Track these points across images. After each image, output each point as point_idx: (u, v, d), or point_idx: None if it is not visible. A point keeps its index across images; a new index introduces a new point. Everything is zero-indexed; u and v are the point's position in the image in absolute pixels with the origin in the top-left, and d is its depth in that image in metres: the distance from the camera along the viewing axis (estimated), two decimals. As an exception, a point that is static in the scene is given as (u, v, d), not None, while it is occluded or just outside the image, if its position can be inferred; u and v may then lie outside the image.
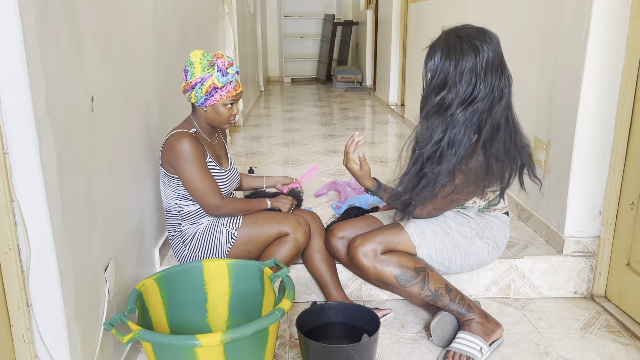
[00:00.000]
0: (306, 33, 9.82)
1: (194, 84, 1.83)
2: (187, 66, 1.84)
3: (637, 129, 1.96)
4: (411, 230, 1.86)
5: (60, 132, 1.31)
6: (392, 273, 1.80)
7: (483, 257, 1.92)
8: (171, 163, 1.87)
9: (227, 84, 1.84)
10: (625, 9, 1.94)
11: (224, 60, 1.83)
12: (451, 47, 1.65)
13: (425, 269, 1.83)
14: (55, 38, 1.30)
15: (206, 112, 1.89)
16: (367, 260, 1.81)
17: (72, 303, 1.36)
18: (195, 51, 1.85)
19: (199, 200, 1.89)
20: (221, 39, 4.27)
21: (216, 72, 1.82)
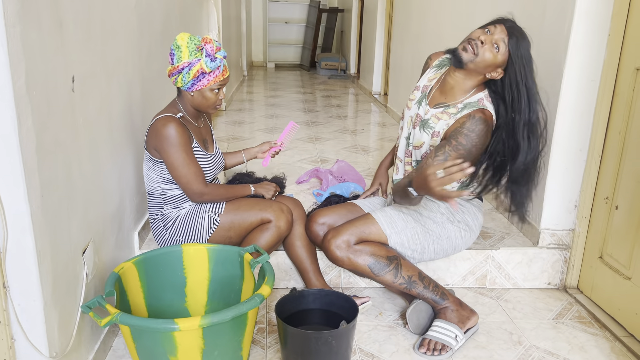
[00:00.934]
0: (291, 18, 9.74)
1: (181, 68, 1.81)
2: (174, 49, 1.81)
3: (615, 125, 2.00)
4: (381, 219, 1.88)
5: (40, 112, 1.29)
6: (366, 262, 1.83)
7: (456, 241, 1.95)
8: (157, 147, 1.85)
9: (215, 69, 1.82)
10: (607, 6, 1.96)
11: (213, 45, 1.81)
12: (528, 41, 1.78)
13: (398, 257, 1.86)
14: (37, 16, 1.27)
15: (193, 96, 1.88)
16: (340, 252, 1.83)
17: (50, 285, 1.35)
18: (182, 34, 1.83)
19: (182, 186, 1.88)
20: (205, 21, 4.22)
21: (204, 57, 1.80)
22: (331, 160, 3.56)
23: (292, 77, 8.34)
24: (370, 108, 5.73)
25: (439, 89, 1.92)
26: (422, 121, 1.91)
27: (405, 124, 2.00)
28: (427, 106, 1.92)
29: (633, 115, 1.90)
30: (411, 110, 1.98)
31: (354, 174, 3.00)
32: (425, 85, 1.98)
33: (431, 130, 1.88)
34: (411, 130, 1.96)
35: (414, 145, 1.94)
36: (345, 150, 3.87)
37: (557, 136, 2.12)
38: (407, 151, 1.99)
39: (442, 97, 1.90)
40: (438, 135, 1.86)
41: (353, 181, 2.90)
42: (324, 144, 4.06)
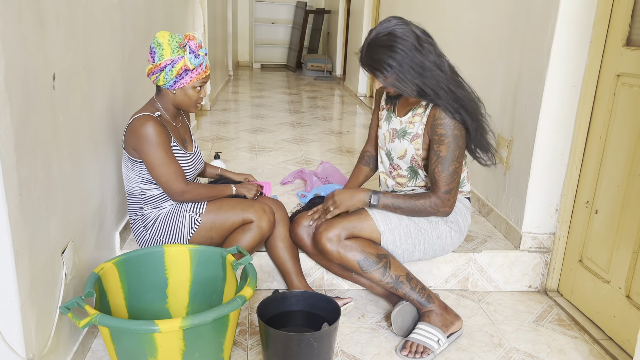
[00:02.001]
0: (277, 19, 9.73)
1: (163, 66, 1.79)
2: (155, 48, 1.80)
3: (595, 130, 2.03)
4: (376, 215, 1.89)
5: (19, 109, 1.27)
6: (355, 258, 1.83)
7: (446, 241, 1.97)
8: (135, 147, 1.83)
9: (198, 66, 1.81)
10: (590, 12, 1.99)
11: (195, 42, 1.80)
12: (388, 46, 1.75)
13: (387, 255, 1.87)
14: (17, 12, 1.25)
15: (175, 94, 1.86)
16: (331, 245, 1.83)
17: (27, 285, 1.33)
18: (162, 32, 1.81)
19: (163, 185, 1.87)
20: (190, 20, 4.19)
21: (188, 54, 1.78)
22: (316, 161, 3.56)
23: (278, 77, 8.33)
24: (355, 110, 5.74)
25: (401, 101, 1.98)
26: (398, 132, 1.95)
27: (382, 141, 2.03)
28: (397, 118, 1.96)
29: (613, 121, 1.93)
30: (383, 128, 2.02)
31: (339, 176, 3.00)
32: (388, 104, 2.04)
33: (410, 135, 1.91)
34: (389, 145, 1.98)
35: (398, 157, 1.96)
36: (330, 152, 3.87)
37: (539, 140, 2.14)
38: (392, 165, 2.00)
39: (406, 105, 1.95)
40: (419, 137, 1.89)
41: (337, 183, 2.90)
42: (309, 145, 4.06)
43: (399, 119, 1.95)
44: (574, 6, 1.98)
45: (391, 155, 1.99)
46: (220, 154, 3.03)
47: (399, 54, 1.72)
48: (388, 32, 1.74)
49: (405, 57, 1.73)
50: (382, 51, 1.74)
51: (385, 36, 1.74)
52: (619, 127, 1.90)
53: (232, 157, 3.59)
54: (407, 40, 1.73)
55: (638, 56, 1.81)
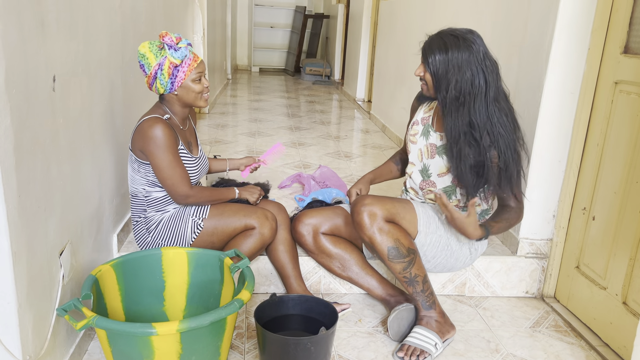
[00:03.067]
0: (276, 23, 9.75)
1: (155, 73, 1.80)
2: (141, 60, 1.80)
3: (593, 137, 2.04)
4: (421, 214, 1.90)
5: (19, 111, 1.27)
6: (386, 244, 1.82)
7: (458, 264, 1.99)
8: (143, 149, 1.84)
9: (183, 58, 1.81)
10: (588, 20, 2.00)
11: (171, 36, 1.80)
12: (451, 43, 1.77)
13: (416, 252, 1.87)
14: (18, 14, 1.25)
15: (178, 95, 1.86)
16: (370, 221, 1.82)
17: (25, 287, 1.33)
18: (142, 44, 1.82)
19: (168, 188, 1.87)
20: (190, 24, 4.20)
21: (168, 51, 1.79)
22: (314, 165, 3.56)
23: (276, 81, 8.34)
24: (353, 114, 5.75)
25: (439, 114, 1.97)
26: (439, 148, 1.94)
27: (416, 157, 2.01)
28: (436, 133, 1.95)
29: (611, 128, 1.94)
30: (419, 143, 2.00)
31: (336, 180, 3.00)
32: (424, 118, 2.03)
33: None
34: (427, 162, 1.97)
35: (438, 174, 1.95)
36: (328, 156, 3.88)
37: (537, 147, 2.15)
38: (426, 182, 1.99)
39: None
40: None
41: (335, 187, 2.90)
42: (307, 149, 4.06)
43: (439, 134, 1.94)
44: (572, 14, 2.00)
45: (428, 172, 1.97)
46: (219, 156, 3.03)
47: (454, 52, 1.75)
48: (458, 34, 1.78)
49: (456, 60, 1.75)
50: (443, 43, 1.77)
51: (453, 36, 1.78)
52: (616, 135, 1.91)
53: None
54: (471, 48, 1.75)
55: (636, 64, 1.82)
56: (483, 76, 1.76)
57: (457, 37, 1.77)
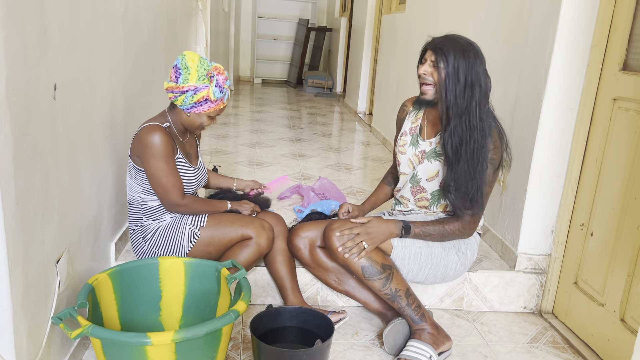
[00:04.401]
0: (279, 35, 9.81)
1: (186, 90, 1.80)
2: (181, 69, 1.79)
3: (591, 153, 2.04)
4: None
5: (19, 119, 1.28)
6: (360, 263, 1.83)
7: (449, 271, 1.97)
8: (139, 155, 1.84)
9: (220, 99, 1.84)
10: (587, 37, 2.02)
11: (223, 76, 1.83)
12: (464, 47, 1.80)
13: (392, 267, 1.87)
14: (21, 23, 1.27)
15: (188, 116, 1.88)
16: (340, 243, 1.84)
17: (20, 294, 1.33)
18: (192, 55, 1.81)
19: (159, 195, 1.87)
20: (193, 35, 4.24)
21: (214, 87, 1.80)
22: (314, 177, 3.57)
23: (278, 93, 8.38)
24: (354, 127, 5.77)
25: (429, 125, 1.99)
26: (427, 153, 1.95)
27: (406, 166, 2.02)
28: (425, 140, 1.97)
29: (609, 144, 1.94)
30: (408, 153, 2.02)
31: (336, 192, 3.01)
32: (412, 128, 2.04)
33: (443, 156, 1.91)
34: (416, 168, 1.98)
35: (427, 179, 1.96)
36: (328, 168, 3.88)
37: (535, 162, 2.15)
38: (416, 188, 2.00)
39: (436, 128, 1.96)
40: None
41: (334, 199, 2.90)
42: (308, 160, 4.07)
43: (428, 140, 1.96)
44: (571, 30, 2.01)
45: (417, 178, 1.98)
46: (219, 167, 3.04)
47: (468, 57, 1.77)
48: (467, 40, 1.83)
49: (469, 65, 1.77)
50: (457, 45, 1.79)
51: (464, 40, 1.82)
52: (614, 151, 1.91)
53: (230, 171, 3.59)
54: (479, 54, 1.81)
55: (634, 81, 1.83)
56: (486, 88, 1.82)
57: (471, 43, 1.81)
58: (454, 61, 1.77)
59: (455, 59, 1.77)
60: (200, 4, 4.34)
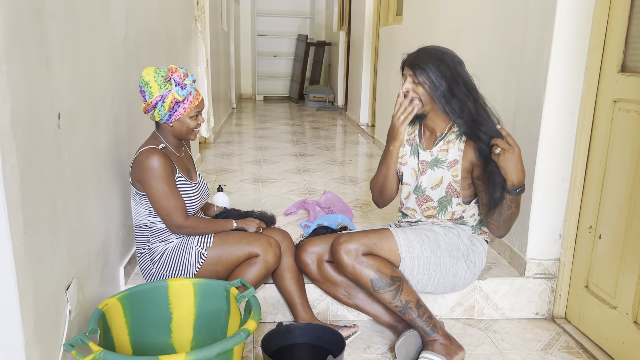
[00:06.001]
0: (279, 52, 9.89)
1: (155, 103, 1.83)
2: (142, 86, 1.83)
3: (595, 156, 2.04)
4: (400, 240, 1.90)
5: (25, 149, 1.29)
6: (369, 276, 1.83)
7: (459, 280, 1.96)
8: (140, 179, 1.86)
9: (187, 95, 1.85)
10: (584, 40, 2.03)
11: (180, 73, 1.84)
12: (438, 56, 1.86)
13: (402, 279, 1.86)
14: (23, 54, 1.29)
15: (172, 127, 1.90)
16: (348, 258, 1.84)
17: (32, 323, 1.33)
18: (147, 69, 1.84)
19: (163, 218, 1.88)
20: (193, 56, 4.28)
21: (175, 87, 1.82)
22: (319, 191, 3.57)
23: (280, 109, 8.42)
24: (358, 139, 5.78)
25: (426, 135, 2.01)
26: (430, 162, 1.96)
27: (409, 177, 2.03)
28: (426, 151, 1.98)
29: (612, 146, 1.94)
30: (410, 163, 2.02)
31: (342, 205, 3.01)
32: (409, 139, 2.05)
33: (445, 163, 1.93)
34: (419, 179, 1.99)
35: (432, 186, 1.97)
36: (333, 182, 3.89)
37: (539, 167, 2.15)
38: (422, 198, 2.00)
39: (433, 136, 1.98)
40: (457, 163, 1.91)
41: (340, 212, 2.90)
42: (312, 175, 4.08)
43: (429, 151, 1.97)
44: (567, 34, 2.02)
45: (421, 188, 1.99)
46: (224, 186, 3.05)
47: (444, 63, 1.83)
48: (439, 49, 1.89)
49: (448, 69, 1.83)
50: (431, 56, 1.85)
51: (436, 49, 1.89)
52: (618, 152, 1.91)
53: (235, 189, 3.61)
54: (455, 58, 1.88)
55: (633, 82, 1.84)
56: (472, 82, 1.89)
57: (444, 51, 1.88)
58: (433, 71, 1.83)
59: (433, 69, 1.83)
60: (200, 26, 4.38)
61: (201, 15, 4.43)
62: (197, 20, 4.34)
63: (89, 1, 1.78)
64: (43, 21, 1.40)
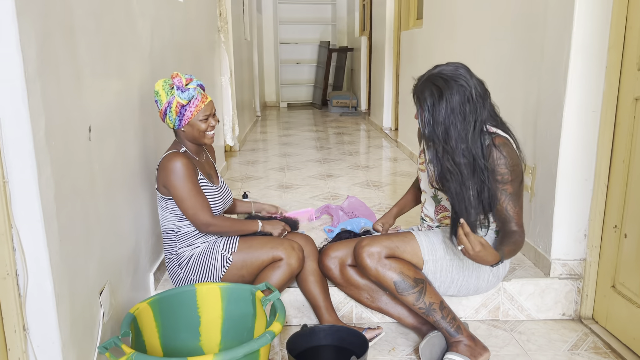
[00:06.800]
0: (302, 59, 9.97)
1: (165, 110, 1.91)
2: (155, 96, 1.92)
3: (618, 154, 2.03)
4: (423, 243, 1.92)
5: (59, 161, 1.36)
6: (392, 278, 1.85)
7: (482, 283, 1.97)
8: (165, 183, 1.92)
9: (191, 99, 1.91)
10: (603, 39, 2.02)
11: (181, 78, 1.91)
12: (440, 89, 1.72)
13: (425, 281, 1.88)
14: (56, 71, 1.36)
15: (184, 131, 1.96)
16: (371, 261, 1.86)
17: (68, 327, 1.40)
18: (158, 81, 1.93)
19: (190, 217, 1.94)
20: (217, 66, 4.36)
21: (176, 91, 1.89)
22: (342, 196, 3.60)
23: (304, 115, 8.49)
24: (381, 144, 5.80)
25: None
26: None
27: (426, 185, 2.04)
28: None
29: (635, 144, 1.93)
30: (428, 171, 2.02)
31: (365, 210, 3.04)
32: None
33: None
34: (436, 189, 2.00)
35: (446, 198, 1.96)
36: (357, 186, 3.92)
37: (561, 166, 2.14)
38: (439, 207, 2.02)
39: None
40: None
41: (363, 216, 2.93)
42: (336, 180, 4.11)
43: None
44: (586, 33, 2.02)
45: (438, 197, 2.00)
46: (249, 193, 3.11)
47: (443, 103, 1.71)
48: (448, 77, 1.73)
49: (444, 110, 1.71)
50: (432, 91, 1.73)
51: (443, 79, 1.73)
52: (641, 150, 1.90)
53: (260, 196, 3.67)
54: (457, 96, 1.71)
55: (654, 79, 1.82)
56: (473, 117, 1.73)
57: (448, 80, 1.72)
58: (430, 106, 1.72)
59: (431, 104, 1.72)
60: (223, 36, 4.47)
61: (224, 26, 4.52)
62: (220, 31, 4.43)
63: (117, 18, 1.86)
64: (73, 38, 1.48)
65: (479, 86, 1.76)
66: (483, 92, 1.77)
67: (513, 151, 1.81)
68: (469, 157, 1.74)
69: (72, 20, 1.48)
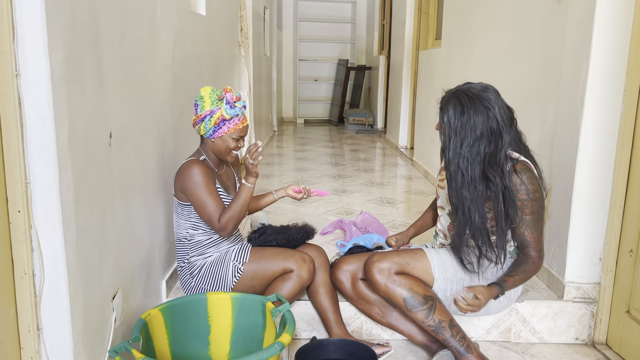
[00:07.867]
0: (320, 76, 10.06)
1: (204, 117, 1.93)
2: (198, 100, 1.95)
3: (636, 177, 2.01)
4: (434, 261, 1.92)
5: (79, 164, 1.40)
6: (401, 295, 1.85)
7: (493, 304, 1.95)
8: (182, 188, 1.95)
9: (234, 116, 1.94)
10: (622, 62, 2.02)
11: (232, 94, 1.95)
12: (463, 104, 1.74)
13: (434, 299, 1.88)
14: (80, 78, 1.40)
15: (214, 142, 1.99)
16: (381, 277, 1.87)
17: (80, 328, 1.42)
18: (206, 87, 1.97)
19: (208, 222, 1.94)
20: (237, 80, 4.43)
21: (224, 105, 1.92)
22: (356, 212, 3.61)
23: (320, 132, 8.53)
24: (396, 161, 5.80)
25: None
26: None
27: (445, 202, 2.03)
28: None
29: (653, 168, 1.92)
30: (446, 188, 2.03)
31: (378, 226, 3.03)
32: None
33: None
34: None
35: None
36: (370, 203, 3.92)
37: (577, 188, 2.13)
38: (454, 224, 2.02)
39: None
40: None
41: (376, 232, 2.93)
42: (350, 196, 4.12)
43: None
44: (605, 56, 2.02)
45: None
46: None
47: (464, 118, 1.72)
48: (474, 96, 1.74)
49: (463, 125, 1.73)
50: (455, 105, 1.74)
51: (469, 96, 1.74)
52: (658, 174, 1.88)
53: (274, 209, 3.68)
54: (479, 116, 1.72)
55: (673, 103, 1.81)
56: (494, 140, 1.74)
57: (473, 97, 1.73)
58: (453, 120, 1.74)
59: (454, 118, 1.74)
60: (243, 51, 4.54)
61: (245, 41, 4.60)
62: (240, 46, 4.51)
63: (141, 29, 1.91)
64: (99, 48, 1.52)
65: (504, 111, 1.76)
66: (508, 119, 1.76)
67: (534, 177, 1.80)
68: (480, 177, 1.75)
69: (98, 30, 1.52)
